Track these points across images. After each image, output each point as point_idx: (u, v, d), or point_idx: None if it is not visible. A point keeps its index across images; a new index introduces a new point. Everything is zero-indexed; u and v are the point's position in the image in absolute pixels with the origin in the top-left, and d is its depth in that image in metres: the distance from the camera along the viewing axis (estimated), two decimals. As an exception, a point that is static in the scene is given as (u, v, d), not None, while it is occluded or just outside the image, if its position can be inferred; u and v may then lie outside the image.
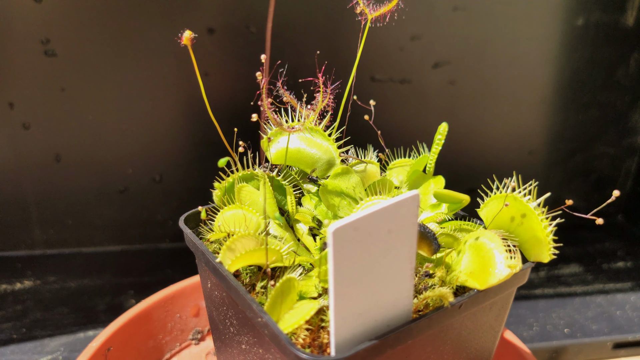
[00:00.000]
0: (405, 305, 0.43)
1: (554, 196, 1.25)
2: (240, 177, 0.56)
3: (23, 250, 0.99)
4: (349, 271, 0.38)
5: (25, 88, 0.88)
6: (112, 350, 0.67)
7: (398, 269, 0.41)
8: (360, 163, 0.60)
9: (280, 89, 0.49)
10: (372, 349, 0.40)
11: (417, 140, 0.62)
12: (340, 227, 0.36)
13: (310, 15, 0.92)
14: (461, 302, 0.45)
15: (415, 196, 0.39)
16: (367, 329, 0.41)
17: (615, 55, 1.06)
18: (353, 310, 0.40)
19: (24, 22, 0.84)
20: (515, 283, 0.50)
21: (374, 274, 0.40)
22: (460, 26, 0.97)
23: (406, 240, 0.40)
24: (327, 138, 0.57)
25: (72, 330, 0.80)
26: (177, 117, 0.95)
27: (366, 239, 0.38)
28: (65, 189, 0.96)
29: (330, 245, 0.37)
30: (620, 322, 0.87)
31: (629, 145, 1.16)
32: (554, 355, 0.83)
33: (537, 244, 0.49)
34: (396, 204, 0.38)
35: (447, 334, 0.48)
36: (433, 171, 0.60)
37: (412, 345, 0.45)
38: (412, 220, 0.40)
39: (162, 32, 0.88)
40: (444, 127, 0.56)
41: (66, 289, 0.90)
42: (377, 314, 0.42)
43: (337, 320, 0.39)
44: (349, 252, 0.38)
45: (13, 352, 0.75)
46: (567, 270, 1.01)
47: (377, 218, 0.38)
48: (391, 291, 0.42)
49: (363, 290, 0.40)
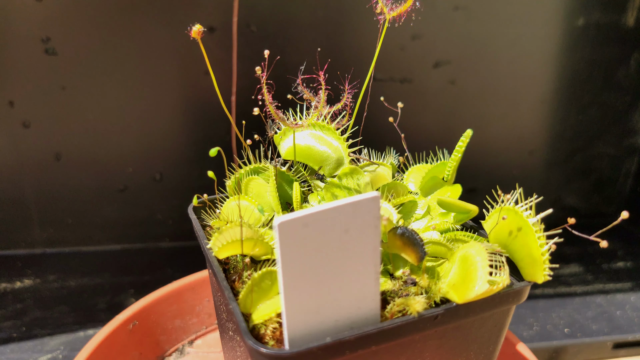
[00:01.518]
0: (371, 309, 0.42)
1: (554, 196, 1.26)
2: (251, 169, 0.57)
3: (23, 249, 0.99)
4: (301, 267, 0.38)
5: (25, 86, 0.88)
6: (137, 324, 0.68)
7: (360, 271, 0.40)
8: (371, 164, 0.59)
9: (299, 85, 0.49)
10: (327, 348, 0.40)
11: (417, 139, 0.62)
12: (286, 221, 0.36)
13: (310, 15, 0.92)
14: (436, 313, 0.43)
15: (375, 198, 0.38)
16: (327, 328, 0.41)
17: (616, 55, 1.06)
18: (306, 307, 0.40)
19: (25, 20, 0.84)
20: (507, 301, 0.47)
21: (331, 273, 0.39)
22: (461, 26, 0.97)
23: (368, 243, 0.39)
24: (337, 137, 0.56)
25: (72, 329, 0.80)
26: (177, 116, 0.95)
27: (319, 237, 0.38)
28: (65, 188, 0.96)
29: (276, 239, 0.37)
30: (620, 322, 0.87)
31: (629, 146, 1.16)
32: (554, 355, 0.83)
33: (532, 262, 0.46)
34: (352, 204, 0.38)
35: (424, 346, 0.46)
36: (452, 178, 0.57)
37: (378, 352, 0.44)
38: (374, 222, 0.39)
39: (162, 31, 0.88)
40: (467, 134, 0.54)
41: (66, 288, 0.90)
42: (338, 314, 0.41)
43: (288, 314, 0.39)
44: (299, 247, 0.37)
45: (13, 351, 0.75)
46: (567, 270, 1.01)
47: (331, 216, 0.37)
48: (353, 293, 0.41)
49: (318, 288, 0.39)
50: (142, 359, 0.69)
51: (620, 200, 1.21)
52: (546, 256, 0.45)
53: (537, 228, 0.46)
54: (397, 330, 0.42)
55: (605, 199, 1.21)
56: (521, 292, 0.47)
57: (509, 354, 0.68)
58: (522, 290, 0.47)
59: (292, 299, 0.39)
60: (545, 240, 0.45)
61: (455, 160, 0.56)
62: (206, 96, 0.94)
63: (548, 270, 0.45)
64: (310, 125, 0.56)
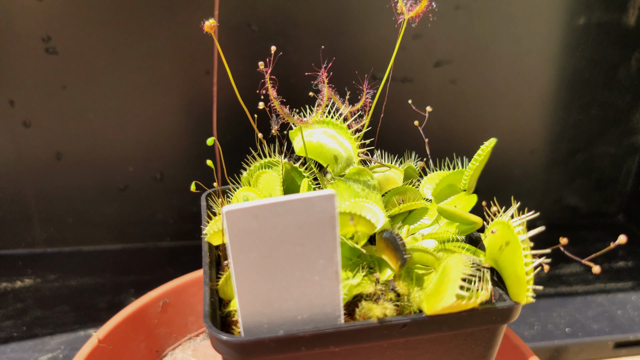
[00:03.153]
0: (333, 309, 0.42)
1: (555, 195, 1.25)
2: (264, 163, 0.59)
3: (23, 249, 0.99)
4: (253, 258, 0.38)
5: (26, 86, 0.88)
6: (167, 302, 0.69)
7: (319, 271, 0.40)
8: (382, 166, 0.58)
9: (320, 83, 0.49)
10: (280, 341, 0.40)
11: (417, 138, 0.61)
12: (234, 210, 0.37)
13: (311, 14, 0.92)
14: (403, 322, 0.42)
15: (330, 196, 0.37)
16: (285, 322, 0.41)
17: (617, 54, 1.06)
18: (261, 298, 0.40)
19: (26, 19, 0.84)
20: (488, 320, 0.44)
21: (287, 268, 0.39)
22: (462, 25, 0.96)
23: (325, 242, 0.39)
24: (349, 136, 0.56)
25: (72, 329, 0.80)
26: (178, 115, 0.95)
27: (271, 230, 0.38)
28: (65, 187, 0.96)
29: (225, 227, 0.37)
30: (622, 321, 0.87)
31: (629, 145, 1.16)
32: (555, 354, 0.83)
33: (517, 281, 0.43)
34: (304, 200, 0.37)
35: (394, 356, 0.45)
36: (470, 187, 0.55)
37: (341, 354, 0.43)
38: (330, 221, 0.38)
39: (163, 30, 0.88)
40: (490, 143, 0.51)
41: (66, 287, 0.90)
42: (298, 311, 0.41)
43: (241, 303, 0.40)
44: (249, 238, 0.38)
45: (13, 350, 0.75)
46: (568, 269, 1.01)
47: (282, 210, 0.37)
48: (313, 292, 0.41)
49: (272, 281, 0.40)
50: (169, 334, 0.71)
51: (621, 200, 1.21)
52: (530, 276, 0.42)
53: (525, 245, 0.43)
54: (356, 333, 0.41)
55: (606, 198, 1.21)
56: (505, 312, 0.44)
57: (510, 353, 0.68)
58: (506, 310, 0.44)
59: (245, 289, 0.40)
60: (531, 259, 0.42)
61: (471, 169, 0.53)
62: (207, 95, 0.94)
63: (531, 291, 0.42)
64: (324, 123, 0.56)
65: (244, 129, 0.95)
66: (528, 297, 0.42)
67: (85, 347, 0.65)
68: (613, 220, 1.22)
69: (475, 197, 0.54)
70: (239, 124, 0.95)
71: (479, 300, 0.41)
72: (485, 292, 0.42)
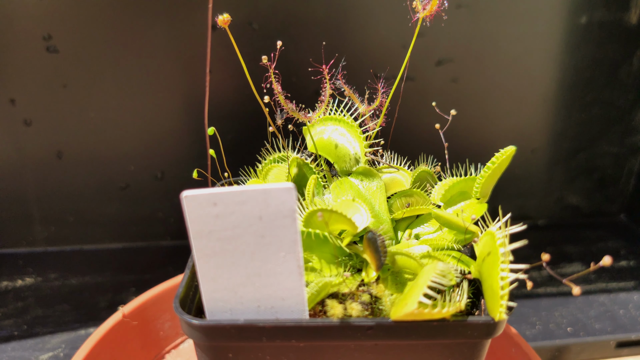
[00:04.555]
0: (297, 303, 0.42)
1: (556, 195, 1.25)
2: (277, 157, 0.59)
3: (24, 247, 0.99)
4: (213, 244, 0.39)
5: (27, 84, 0.88)
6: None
7: (280, 263, 0.40)
8: (390, 168, 0.58)
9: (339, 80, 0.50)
10: (240, 328, 0.41)
11: (418, 138, 0.61)
12: (192, 195, 0.38)
13: (312, 13, 0.91)
14: (368, 324, 0.41)
15: (289, 189, 0.37)
16: (248, 310, 0.42)
17: (619, 53, 1.06)
18: (223, 284, 0.41)
19: (26, 18, 0.84)
20: (461, 334, 0.41)
21: (248, 257, 0.40)
22: (464, 24, 0.96)
23: (286, 235, 0.39)
24: (357, 135, 0.56)
25: (73, 328, 0.80)
26: (179, 114, 0.95)
27: (231, 218, 0.38)
28: (66, 186, 0.96)
29: (184, 211, 0.38)
30: (624, 321, 0.87)
31: (632, 144, 1.15)
32: (557, 354, 0.82)
33: (492, 295, 0.41)
34: (263, 191, 0.37)
35: (362, 359, 0.44)
36: (481, 195, 0.52)
37: (306, 350, 0.43)
38: (290, 214, 0.38)
39: (164, 28, 0.88)
40: (509, 152, 0.48)
41: (67, 286, 0.90)
42: (260, 301, 0.41)
43: (204, 288, 0.41)
44: (209, 224, 0.39)
45: (14, 349, 0.75)
46: (569, 269, 1.01)
47: (240, 199, 0.38)
48: (275, 284, 0.41)
49: (233, 268, 0.40)
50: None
51: (622, 199, 1.21)
52: (505, 291, 0.39)
53: (504, 258, 0.40)
54: (317, 330, 0.41)
55: (608, 197, 1.20)
56: (480, 327, 0.41)
57: (512, 352, 0.68)
58: (481, 325, 0.41)
59: (207, 274, 0.41)
60: (508, 274, 0.39)
61: (483, 177, 0.50)
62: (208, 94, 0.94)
63: (505, 307, 0.39)
64: (336, 121, 0.56)
65: (244, 128, 0.95)
66: (501, 313, 0.39)
67: (109, 320, 0.67)
68: (615, 220, 1.22)
69: (485, 206, 0.51)
70: (240, 123, 0.95)
71: (448, 310, 0.39)
72: (457, 303, 0.40)
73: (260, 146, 0.58)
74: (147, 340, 0.70)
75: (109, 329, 0.66)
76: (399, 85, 0.54)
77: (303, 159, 0.57)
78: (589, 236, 1.14)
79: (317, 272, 0.47)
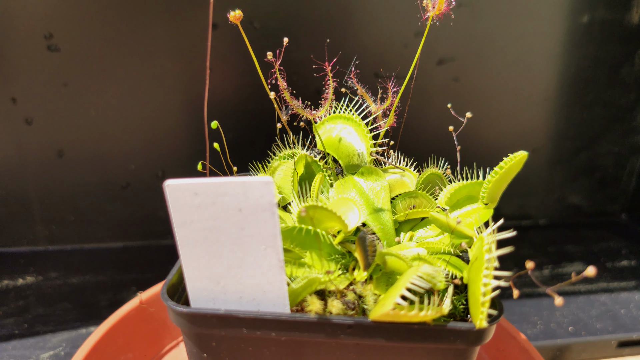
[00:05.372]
0: (278, 296, 0.42)
1: (558, 194, 1.25)
2: (286, 154, 0.61)
3: (25, 246, 0.99)
4: (195, 233, 0.40)
5: (28, 83, 0.88)
6: None
7: (261, 256, 0.40)
8: (395, 168, 0.58)
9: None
10: (221, 318, 0.42)
11: (419, 138, 0.61)
12: (174, 184, 0.39)
13: (313, 12, 0.91)
14: (347, 323, 0.40)
15: (267, 183, 0.37)
16: (230, 301, 0.42)
17: (620, 53, 1.06)
18: (205, 274, 0.41)
19: (28, 16, 0.84)
20: (444, 339, 0.40)
21: (229, 249, 0.40)
22: (465, 23, 0.96)
23: (265, 228, 0.39)
24: (364, 135, 0.56)
25: (74, 326, 0.80)
26: (179, 113, 0.95)
27: (212, 209, 0.39)
28: (67, 185, 0.96)
29: (167, 200, 0.39)
30: (625, 320, 0.86)
31: (633, 144, 1.15)
32: (558, 353, 0.82)
33: (475, 302, 0.39)
34: (242, 183, 0.38)
35: (344, 358, 0.44)
36: (489, 200, 0.50)
37: (288, 345, 0.43)
38: (269, 207, 0.38)
39: (165, 27, 0.88)
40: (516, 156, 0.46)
41: (68, 285, 0.90)
42: (242, 292, 0.42)
43: (187, 276, 0.42)
44: (191, 213, 0.39)
45: (15, 348, 0.75)
46: (571, 268, 1.01)
47: (220, 191, 0.38)
48: (256, 276, 0.41)
49: (215, 259, 0.41)
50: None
51: (624, 199, 1.21)
52: (486, 298, 0.38)
53: (488, 264, 0.38)
54: (295, 325, 0.41)
55: (609, 197, 1.20)
56: (462, 333, 0.40)
57: (515, 351, 0.68)
58: (463, 332, 0.40)
59: (190, 263, 0.41)
60: (490, 280, 0.38)
61: (490, 182, 0.48)
62: (209, 93, 0.94)
63: (485, 314, 0.38)
64: (345, 119, 0.57)
65: (245, 126, 0.95)
66: (482, 320, 0.38)
67: (126, 306, 0.68)
68: (616, 219, 1.22)
69: (490, 212, 0.50)
70: (241, 122, 0.95)
71: (427, 314, 0.38)
72: (437, 307, 0.39)
73: (262, 145, 0.59)
74: (163, 327, 0.70)
75: (125, 314, 0.67)
76: (407, 84, 0.54)
77: (312, 156, 0.58)
78: (590, 236, 1.14)
79: (306, 268, 0.47)
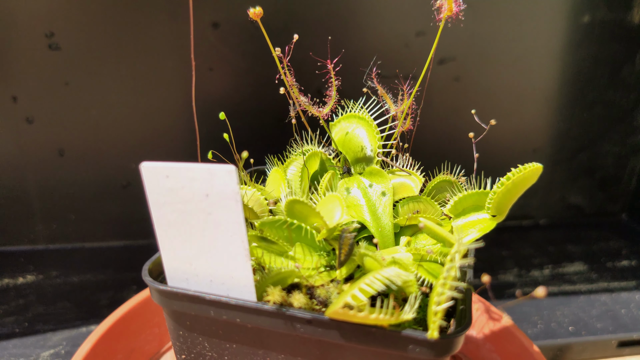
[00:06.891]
0: (244, 285, 0.43)
1: (558, 194, 1.25)
2: (303, 151, 0.61)
3: (26, 245, 0.99)
4: (168, 215, 0.42)
5: (28, 82, 0.88)
6: None
7: (227, 243, 0.41)
8: (401, 171, 0.58)
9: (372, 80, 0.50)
10: (189, 297, 0.44)
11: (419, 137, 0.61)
12: (148, 166, 0.42)
13: (314, 11, 0.91)
14: (305, 317, 0.41)
15: (229, 171, 0.39)
16: (202, 283, 0.44)
17: (621, 53, 1.06)
18: (179, 255, 0.43)
19: (29, 15, 0.84)
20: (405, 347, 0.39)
21: (198, 232, 0.42)
22: (466, 23, 0.96)
23: (230, 215, 0.40)
24: (373, 135, 0.57)
25: (74, 325, 0.80)
26: (180, 111, 0.95)
27: (182, 192, 0.41)
28: (68, 184, 0.96)
29: (143, 180, 0.42)
30: (625, 320, 0.86)
31: (634, 144, 1.15)
32: (559, 353, 0.82)
33: (429, 312, 0.38)
34: (207, 170, 0.39)
35: (307, 354, 0.44)
36: (496, 211, 0.48)
37: (255, 333, 0.44)
38: (233, 196, 0.39)
39: (166, 26, 0.88)
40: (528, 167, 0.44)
41: (68, 284, 0.90)
42: (212, 276, 0.43)
43: (164, 255, 0.44)
44: (164, 195, 0.41)
45: (15, 346, 0.75)
46: (571, 268, 1.01)
47: (189, 175, 0.40)
48: (223, 261, 0.42)
49: (186, 240, 0.42)
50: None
51: (625, 199, 1.21)
52: (439, 308, 0.36)
53: (447, 274, 0.37)
54: (258, 313, 0.42)
55: (610, 197, 1.20)
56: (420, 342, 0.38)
57: (516, 351, 0.68)
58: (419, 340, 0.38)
59: (165, 242, 0.43)
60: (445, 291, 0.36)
61: (496, 192, 0.46)
62: (210, 92, 0.94)
63: (437, 324, 0.36)
64: (359, 119, 0.58)
65: (245, 126, 0.95)
66: (433, 331, 0.37)
67: (126, 304, 0.70)
68: (616, 219, 1.22)
69: (494, 224, 0.48)
70: (241, 121, 0.95)
71: (378, 317, 0.37)
72: (392, 311, 0.38)
73: (262, 143, 0.59)
74: (164, 325, 0.71)
75: (125, 313, 0.68)
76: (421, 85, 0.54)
77: (327, 154, 0.59)
78: (590, 236, 1.14)
79: (289, 261, 0.48)
